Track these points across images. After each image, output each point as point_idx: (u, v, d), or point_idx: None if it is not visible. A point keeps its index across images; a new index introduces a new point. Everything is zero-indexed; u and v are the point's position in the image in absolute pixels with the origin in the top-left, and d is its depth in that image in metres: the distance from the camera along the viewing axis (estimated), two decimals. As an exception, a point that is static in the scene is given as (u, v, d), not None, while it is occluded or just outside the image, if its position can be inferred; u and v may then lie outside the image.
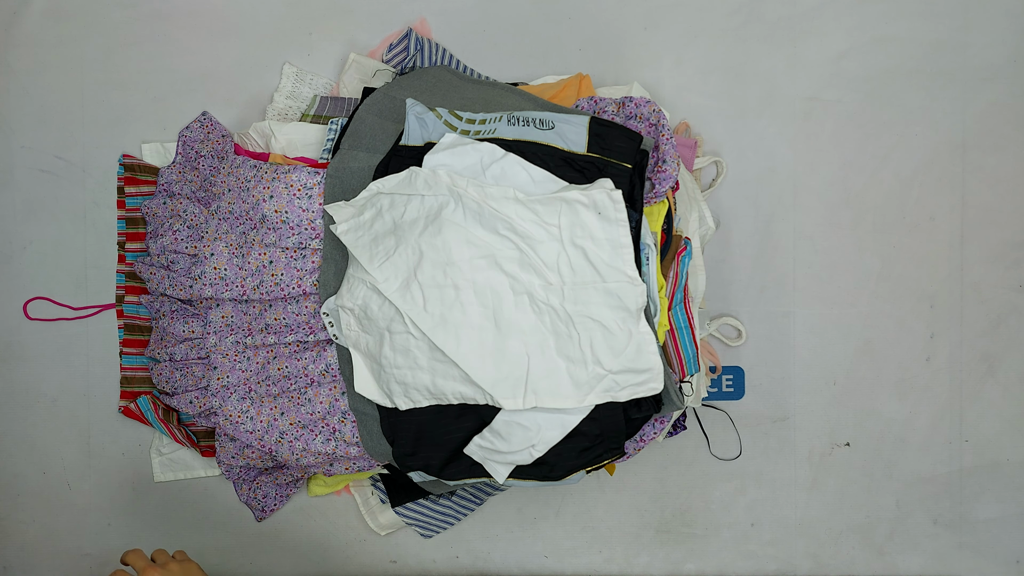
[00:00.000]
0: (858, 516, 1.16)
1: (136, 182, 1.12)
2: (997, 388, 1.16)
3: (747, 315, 1.15)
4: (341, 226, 0.94)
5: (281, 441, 1.00)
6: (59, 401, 1.14)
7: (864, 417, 1.16)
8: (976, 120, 1.15)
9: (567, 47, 1.15)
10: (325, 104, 1.10)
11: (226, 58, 1.14)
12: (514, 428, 0.90)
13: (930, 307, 1.16)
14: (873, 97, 1.15)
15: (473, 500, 1.12)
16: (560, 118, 0.94)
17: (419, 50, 1.10)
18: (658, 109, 0.97)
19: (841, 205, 1.15)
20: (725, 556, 1.16)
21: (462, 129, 0.96)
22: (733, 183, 1.14)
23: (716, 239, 1.14)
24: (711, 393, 1.14)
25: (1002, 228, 1.15)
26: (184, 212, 1.05)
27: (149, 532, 1.15)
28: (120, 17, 1.14)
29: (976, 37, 1.15)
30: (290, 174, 1.00)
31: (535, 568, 1.16)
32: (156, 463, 1.14)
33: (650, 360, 0.89)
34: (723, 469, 1.16)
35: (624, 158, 0.92)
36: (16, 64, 1.14)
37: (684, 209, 1.03)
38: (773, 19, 1.15)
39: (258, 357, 1.02)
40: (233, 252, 1.01)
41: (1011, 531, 1.16)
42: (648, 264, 0.93)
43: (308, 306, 1.00)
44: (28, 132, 1.14)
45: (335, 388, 1.00)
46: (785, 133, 1.15)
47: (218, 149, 1.10)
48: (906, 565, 1.17)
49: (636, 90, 1.11)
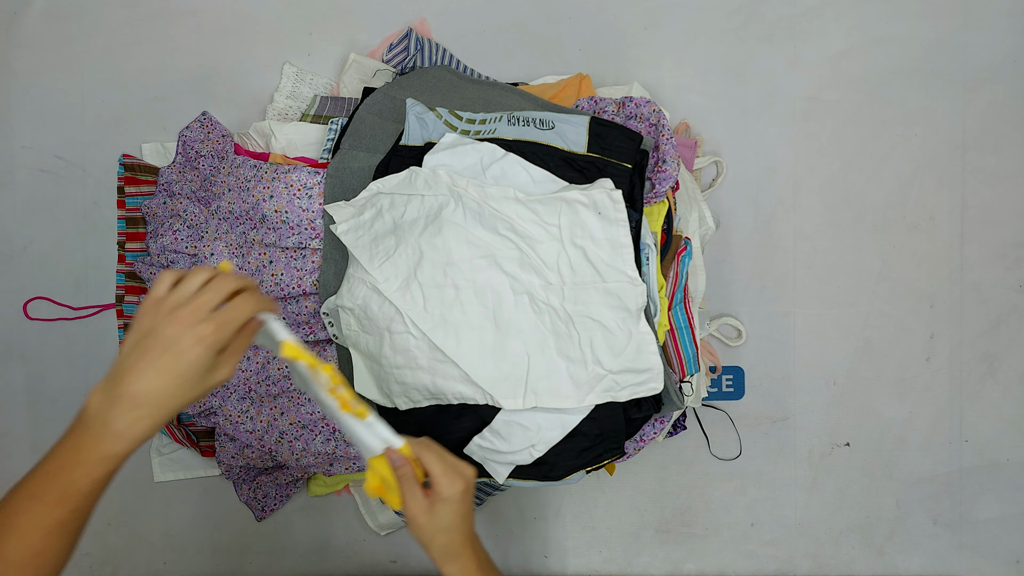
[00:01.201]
0: (858, 516, 1.16)
1: (136, 182, 1.12)
2: (997, 388, 1.16)
3: (747, 315, 1.15)
4: (341, 226, 0.94)
5: (281, 441, 1.00)
6: (59, 401, 1.14)
7: (864, 417, 1.16)
8: (976, 120, 1.15)
9: (567, 47, 1.15)
10: (325, 104, 1.10)
11: (226, 58, 1.14)
12: (514, 428, 0.90)
13: (930, 307, 1.16)
14: (873, 97, 1.15)
15: (473, 500, 1.12)
16: (560, 118, 0.94)
17: (419, 50, 1.10)
18: (658, 109, 0.97)
19: (841, 205, 1.15)
20: (725, 556, 1.16)
21: (462, 129, 0.96)
22: (733, 183, 1.14)
23: (716, 239, 1.14)
24: (711, 393, 1.14)
25: (1002, 228, 1.15)
26: (184, 212, 1.05)
27: (149, 532, 1.15)
28: (120, 17, 1.14)
29: (976, 37, 1.15)
30: (290, 174, 1.00)
31: (535, 568, 1.16)
32: (156, 463, 1.14)
33: (650, 360, 0.89)
34: (723, 469, 1.16)
35: (624, 158, 0.92)
36: (16, 64, 1.14)
37: (684, 209, 1.03)
38: (773, 19, 1.15)
39: (258, 357, 1.02)
40: (233, 252, 1.01)
41: (1011, 531, 1.16)
42: (648, 264, 0.93)
43: (308, 306, 1.00)
44: (28, 132, 1.14)
45: (335, 388, 1.00)
46: (785, 133, 1.15)
47: (218, 149, 1.10)
48: (906, 565, 1.17)
49: (636, 90, 1.11)
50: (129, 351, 0.62)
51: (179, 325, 0.61)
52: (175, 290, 0.64)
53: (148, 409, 0.61)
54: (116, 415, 0.60)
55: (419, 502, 0.73)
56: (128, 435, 0.61)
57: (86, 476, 0.61)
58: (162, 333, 0.61)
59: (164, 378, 0.60)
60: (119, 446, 0.61)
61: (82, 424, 0.62)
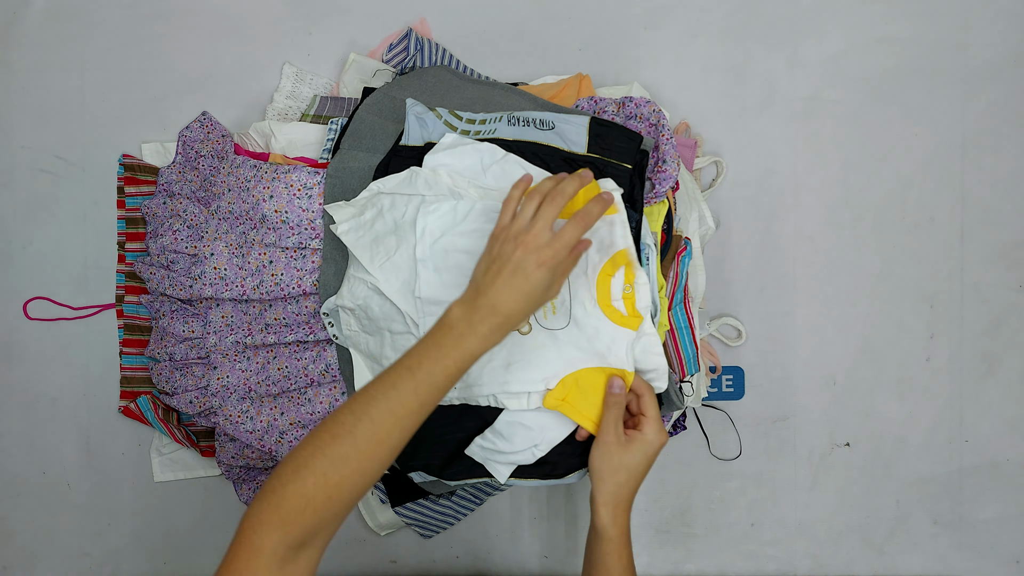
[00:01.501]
0: (858, 516, 1.16)
1: (136, 182, 1.12)
2: (997, 388, 1.16)
3: (747, 315, 1.15)
4: (342, 226, 0.94)
5: (281, 441, 1.00)
6: (59, 401, 1.14)
7: (864, 417, 1.16)
8: (976, 120, 1.15)
9: (567, 47, 1.15)
10: (325, 104, 1.10)
11: (226, 58, 1.14)
12: (517, 428, 0.89)
13: (930, 307, 1.16)
14: (873, 97, 1.15)
15: (473, 500, 1.12)
16: (560, 118, 0.94)
17: (419, 50, 1.10)
18: (658, 109, 0.97)
19: (841, 205, 1.15)
20: (725, 556, 1.16)
21: (462, 129, 0.96)
22: (733, 183, 1.14)
23: (716, 239, 1.14)
24: (711, 393, 1.14)
25: (1002, 228, 1.15)
26: (184, 212, 1.05)
27: (149, 532, 1.15)
28: (120, 17, 1.14)
29: (976, 37, 1.15)
30: (290, 174, 1.00)
31: (535, 568, 1.16)
32: (156, 463, 1.14)
33: (654, 360, 0.89)
34: (723, 469, 1.16)
35: (624, 158, 0.92)
36: (16, 64, 1.14)
37: (684, 209, 1.03)
38: (773, 19, 1.15)
39: (258, 357, 1.02)
40: (233, 252, 1.01)
41: (1011, 531, 1.16)
42: (648, 264, 0.93)
43: (308, 306, 1.00)
44: (28, 132, 1.14)
45: (335, 388, 1.00)
46: (785, 133, 1.15)
47: (218, 149, 1.10)
48: (906, 565, 1.17)
49: (636, 90, 1.11)
50: (484, 271, 0.75)
51: (523, 250, 0.74)
52: (516, 218, 0.76)
53: (504, 318, 0.73)
54: (479, 319, 0.73)
55: (618, 432, 0.80)
56: (489, 337, 0.74)
57: (444, 371, 0.73)
58: (510, 256, 0.74)
59: (515, 293, 0.73)
60: (479, 345, 0.73)
61: (445, 328, 0.74)
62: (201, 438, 1.11)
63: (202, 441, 1.11)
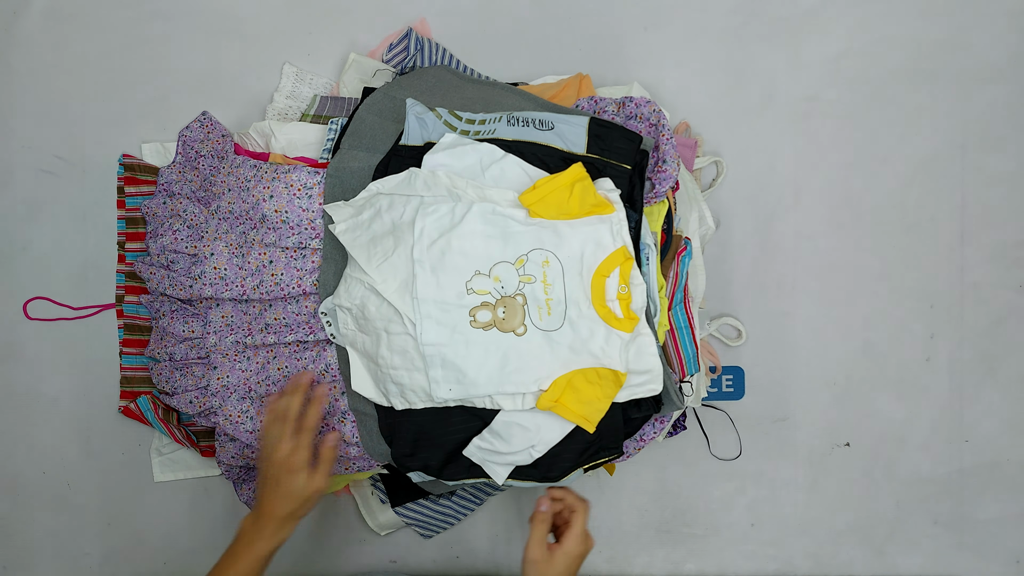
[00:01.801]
0: (858, 516, 1.16)
1: (136, 182, 1.12)
2: (997, 388, 1.16)
3: (747, 315, 1.15)
4: (339, 226, 0.94)
5: (281, 441, 1.00)
6: (59, 401, 1.14)
7: (864, 417, 1.16)
8: (976, 120, 1.15)
9: (567, 47, 1.15)
10: (325, 104, 1.10)
11: (226, 58, 1.14)
12: (514, 429, 0.89)
13: (930, 307, 1.16)
14: (873, 97, 1.15)
15: (473, 500, 1.12)
16: (560, 118, 0.94)
17: (419, 50, 1.10)
18: (658, 109, 0.97)
19: (841, 205, 1.15)
20: (725, 556, 1.16)
21: (462, 129, 0.96)
22: (733, 183, 1.14)
23: (716, 239, 1.14)
24: (711, 393, 1.14)
25: (1002, 228, 1.15)
26: (184, 212, 1.05)
27: (149, 532, 1.15)
28: (120, 17, 1.14)
29: (976, 37, 1.15)
30: (290, 174, 1.00)
31: (535, 568, 1.16)
32: (156, 463, 1.14)
33: (649, 362, 0.89)
34: (723, 469, 1.16)
35: (624, 159, 0.92)
36: (16, 64, 1.14)
37: (684, 209, 1.03)
38: (773, 19, 1.15)
39: (258, 357, 1.02)
40: (233, 252, 1.01)
41: (1011, 531, 1.16)
42: (648, 264, 0.93)
43: (308, 306, 1.00)
44: (28, 132, 1.14)
45: (335, 388, 1.00)
46: (785, 133, 1.15)
47: (218, 149, 1.10)
48: (906, 565, 1.17)
49: (636, 90, 1.11)
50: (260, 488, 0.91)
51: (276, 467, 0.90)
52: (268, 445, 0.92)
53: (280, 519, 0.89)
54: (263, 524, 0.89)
55: (542, 548, 0.88)
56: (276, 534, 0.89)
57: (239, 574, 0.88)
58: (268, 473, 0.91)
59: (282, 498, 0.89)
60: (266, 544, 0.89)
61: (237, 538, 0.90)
62: (201, 438, 1.11)
63: (202, 441, 1.11)
